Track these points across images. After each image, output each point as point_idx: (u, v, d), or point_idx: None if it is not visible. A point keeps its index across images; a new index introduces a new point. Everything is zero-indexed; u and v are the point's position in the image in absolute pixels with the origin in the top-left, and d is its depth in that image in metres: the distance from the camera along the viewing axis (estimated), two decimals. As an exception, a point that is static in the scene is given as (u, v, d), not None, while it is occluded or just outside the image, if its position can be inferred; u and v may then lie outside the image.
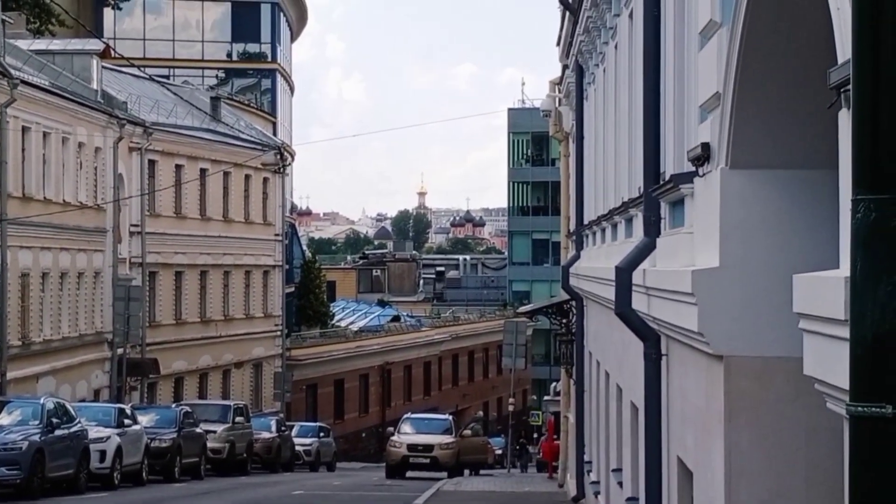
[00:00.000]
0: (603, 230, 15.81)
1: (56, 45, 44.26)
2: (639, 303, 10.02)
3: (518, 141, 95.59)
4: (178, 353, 48.21)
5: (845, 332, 4.32)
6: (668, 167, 9.79)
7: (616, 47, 15.11)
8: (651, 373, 9.93)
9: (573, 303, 23.30)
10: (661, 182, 9.79)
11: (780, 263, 7.28)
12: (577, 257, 20.49)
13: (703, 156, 7.83)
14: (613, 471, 15.44)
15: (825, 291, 4.64)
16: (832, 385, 4.67)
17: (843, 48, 4.71)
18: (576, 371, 22.36)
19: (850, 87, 3.56)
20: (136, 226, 45.60)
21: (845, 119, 4.65)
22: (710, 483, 7.92)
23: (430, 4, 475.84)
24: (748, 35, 6.90)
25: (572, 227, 22.73)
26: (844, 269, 4.50)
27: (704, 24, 8.00)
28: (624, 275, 9.98)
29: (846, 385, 4.31)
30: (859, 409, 4.03)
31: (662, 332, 9.67)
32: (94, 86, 43.09)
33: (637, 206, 11.32)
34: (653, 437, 10.04)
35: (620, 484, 14.58)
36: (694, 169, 8.26)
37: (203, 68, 70.53)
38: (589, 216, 18.85)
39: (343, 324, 75.20)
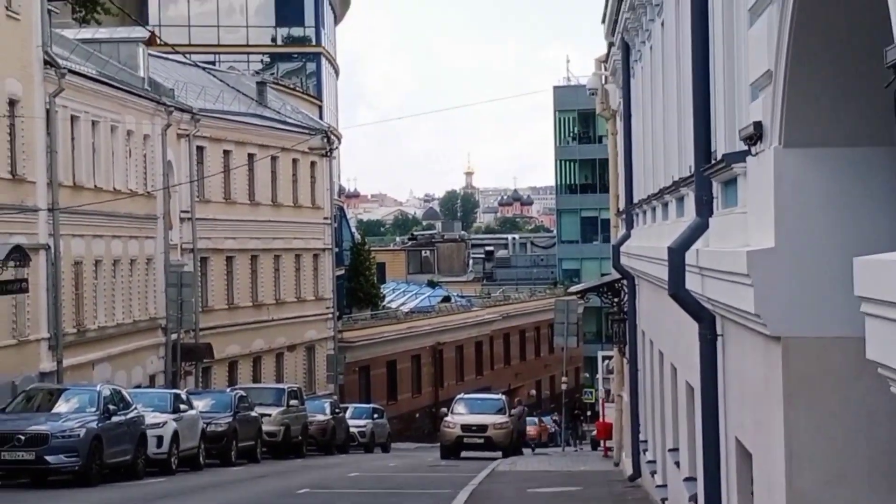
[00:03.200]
0: (653, 209, 15.70)
1: (102, 33, 44.50)
2: (692, 283, 9.91)
3: (564, 119, 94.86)
4: (232, 338, 48.45)
5: (909, 317, 4.27)
6: (720, 146, 9.68)
7: (663, 25, 14.98)
8: (707, 354, 9.84)
9: (624, 282, 23.13)
10: (713, 161, 9.66)
11: (838, 243, 7.19)
12: (627, 236, 20.39)
13: (755, 134, 7.74)
14: (670, 451, 15.37)
15: (888, 275, 4.57)
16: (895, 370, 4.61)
17: (901, 27, 4.63)
18: (629, 350, 22.25)
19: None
20: (186, 212, 45.82)
21: (904, 99, 4.57)
22: (771, 465, 7.86)
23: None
24: (799, 11, 6.77)
25: (622, 205, 22.61)
26: (907, 252, 4.43)
27: (754, 1, 7.87)
28: (677, 255, 9.88)
29: (911, 371, 4.27)
30: (926, 396, 3.97)
31: (717, 312, 9.57)
32: (141, 73, 43.32)
33: (688, 185, 11.22)
34: (710, 418, 9.97)
35: (677, 464, 14.52)
36: (746, 148, 8.12)
37: (248, 53, 70.72)
38: (639, 195, 18.69)
39: (394, 305, 75.11)
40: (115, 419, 25.04)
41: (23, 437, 23.43)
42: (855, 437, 7.20)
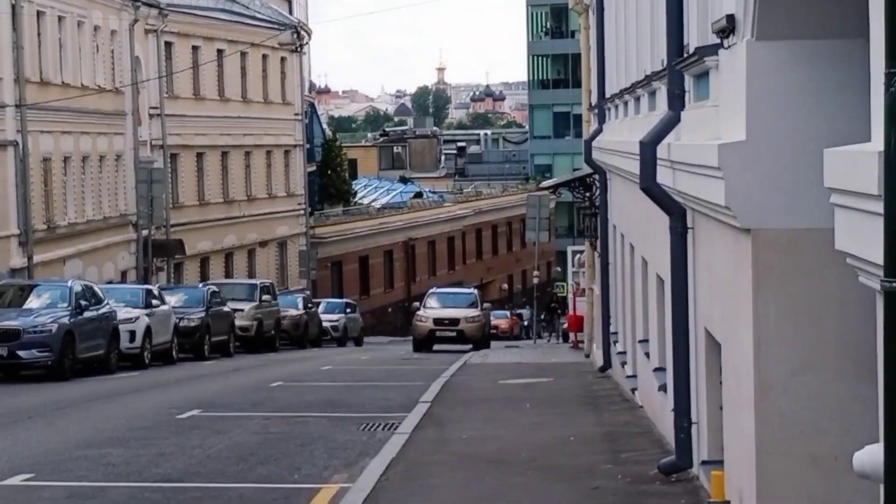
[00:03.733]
0: (626, 103, 15.68)
1: (67, -75, 43.74)
2: (664, 177, 9.98)
3: (536, 13, 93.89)
4: (203, 234, 48.38)
5: (879, 207, 4.34)
6: (693, 40, 9.66)
7: (636, -86, 14.85)
8: (677, 246, 9.95)
9: (596, 176, 23.17)
10: (686, 55, 9.65)
11: (809, 136, 7.25)
12: (599, 131, 20.26)
13: (728, 28, 7.74)
14: (640, 342, 15.56)
15: (858, 166, 4.63)
16: (865, 260, 4.68)
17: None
18: (600, 244, 22.36)
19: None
20: (155, 108, 45.46)
21: (877, -9, 4.58)
22: (739, 354, 7.99)
23: None
24: None
25: (594, 100, 22.46)
26: (878, 143, 4.48)
27: None
28: (648, 149, 9.92)
29: (880, 260, 4.35)
30: (894, 284, 4.06)
31: (688, 206, 9.69)
32: (108, -33, 42.70)
33: (660, 78, 11.22)
34: (680, 310, 10.09)
35: (647, 354, 14.71)
36: (719, 41, 8.14)
37: (216, -55, 69.60)
38: (611, 89, 18.59)
39: (366, 201, 74.86)
40: (86, 314, 25.10)
41: (-5, 333, 23.48)
42: (823, 327, 7.32)
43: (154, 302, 29.60)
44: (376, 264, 64.35)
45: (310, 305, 43.21)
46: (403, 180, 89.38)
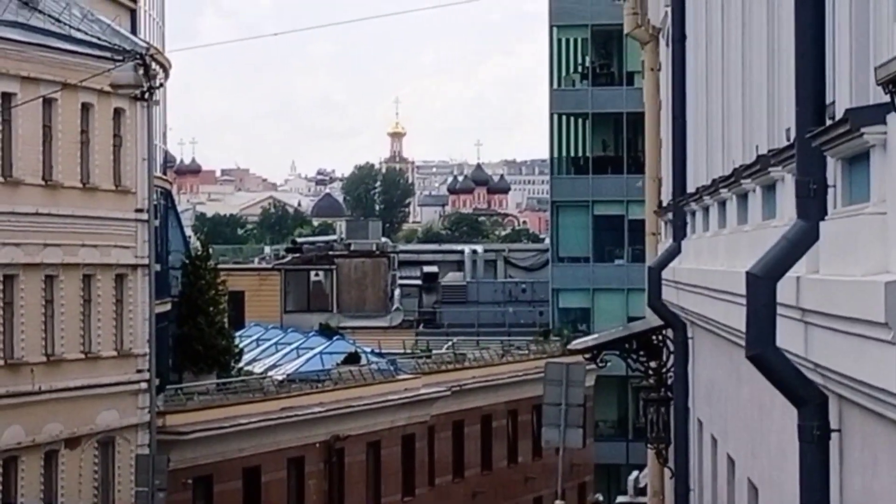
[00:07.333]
0: (722, 204, 11.28)
1: None
2: (789, 337, 7.01)
3: (567, 42, 63.12)
4: None
5: None
6: (841, 97, 6.90)
7: None
8: (810, 463, 7.09)
9: (669, 332, 16.25)
10: (829, 122, 6.97)
11: None
12: (675, 251, 14.37)
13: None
14: None
15: None
16: None
17: None
18: (675, 454, 15.78)
19: None
20: None
21: None
22: None
23: None
24: None
25: (667, 196, 16.28)
26: None
27: None
28: (762, 288, 7.06)
29: None
30: None
31: (833, 390, 6.80)
32: None
33: (783, 162, 8.29)
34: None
35: None
36: (889, 99, 5.85)
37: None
38: (697, 178, 13.40)
39: (258, 369, 48.51)
40: None
41: None
42: None
43: None
44: (273, 483, 40.59)
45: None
46: (326, 331, 56.79)
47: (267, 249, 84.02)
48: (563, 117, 63.11)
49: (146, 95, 36.88)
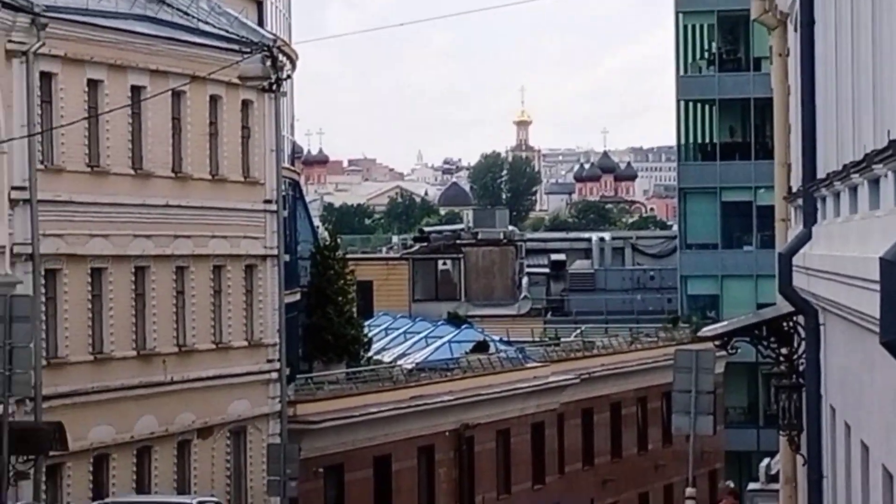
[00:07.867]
0: (853, 189, 10.87)
1: None
2: None
3: (693, 28, 62.76)
4: (99, 413, 31.32)
5: None
6: None
7: None
8: None
9: (800, 319, 15.99)
10: None
11: None
12: (807, 237, 14.17)
13: None
14: None
15: None
16: None
17: None
18: (808, 441, 15.49)
19: None
20: (20, 189, 29.31)
21: None
22: None
23: None
24: None
25: (796, 182, 16.11)
26: None
27: None
28: (893, 272, 6.82)
29: None
30: None
31: None
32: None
33: None
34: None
35: None
36: None
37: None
38: (827, 164, 13.03)
39: (387, 358, 47.42)
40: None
41: None
42: None
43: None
44: (404, 471, 40.68)
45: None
46: (455, 319, 55.91)
47: (395, 239, 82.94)
48: (690, 104, 62.93)
49: (274, 87, 36.29)
